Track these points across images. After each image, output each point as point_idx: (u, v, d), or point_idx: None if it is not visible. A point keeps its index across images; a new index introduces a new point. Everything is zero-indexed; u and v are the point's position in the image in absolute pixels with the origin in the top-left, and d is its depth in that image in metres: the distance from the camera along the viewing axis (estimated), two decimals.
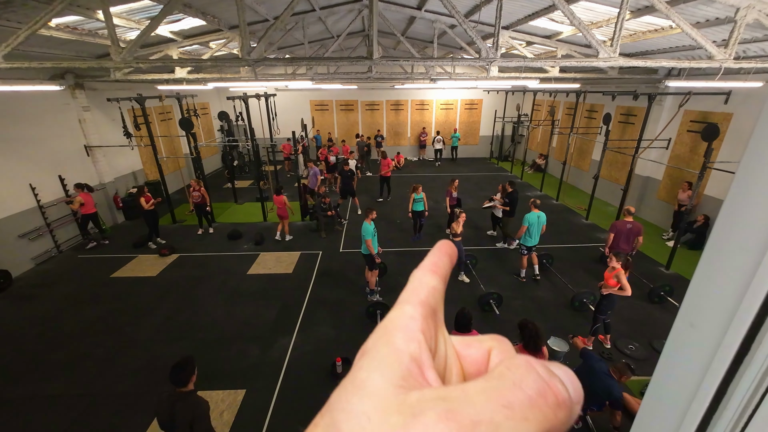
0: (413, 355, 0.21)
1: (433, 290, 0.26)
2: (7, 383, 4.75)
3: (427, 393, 0.19)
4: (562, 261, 7.86)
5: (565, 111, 14.28)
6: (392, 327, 0.23)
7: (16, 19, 4.92)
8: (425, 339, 0.23)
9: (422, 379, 0.21)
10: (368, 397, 0.19)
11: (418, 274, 0.27)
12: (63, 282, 7.25)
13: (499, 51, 4.39)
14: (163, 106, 12.32)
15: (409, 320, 0.23)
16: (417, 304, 0.24)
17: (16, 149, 7.55)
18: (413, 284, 0.26)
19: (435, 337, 0.24)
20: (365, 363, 0.21)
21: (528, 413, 0.17)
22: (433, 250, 0.29)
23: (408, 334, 0.22)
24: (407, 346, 0.22)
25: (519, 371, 0.19)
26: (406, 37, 10.19)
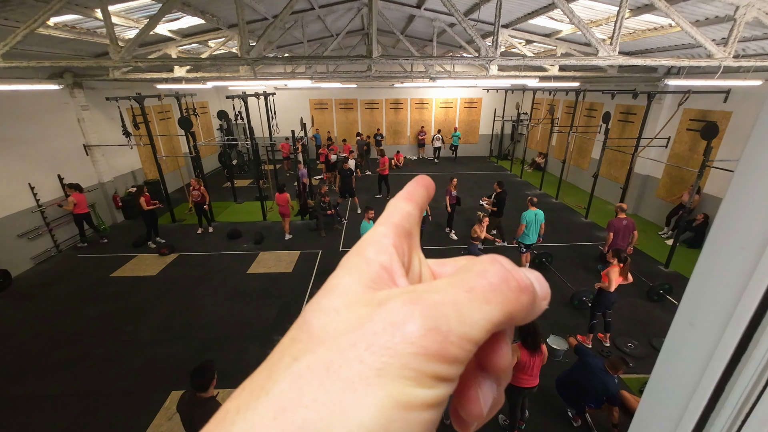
0: (384, 264, 0.22)
1: (407, 214, 0.26)
2: (6, 383, 4.75)
3: (395, 290, 0.20)
4: (561, 259, 7.87)
5: (565, 109, 14.28)
6: (364, 243, 0.24)
7: (14, 18, 4.91)
8: (397, 253, 0.23)
9: (392, 284, 0.22)
10: (338, 296, 0.20)
11: (394, 201, 0.28)
12: (62, 281, 7.25)
13: (498, 49, 4.38)
14: (162, 105, 12.29)
15: (381, 237, 0.24)
16: (390, 225, 0.25)
17: (14, 149, 7.53)
18: (388, 210, 0.27)
19: (408, 254, 0.25)
20: (337, 272, 0.22)
21: (490, 296, 0.18)
22: (411, 181, 0.30)
23: (379, 247, 0.23)
24: (378, 257, 0.22)
25: (483, 264, 0.20)
26: (405, 35, 10.17)
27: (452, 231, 9.12)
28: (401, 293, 0.19)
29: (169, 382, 4.71)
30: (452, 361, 0.17)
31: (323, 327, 0.18)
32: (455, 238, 8.96)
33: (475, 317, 0.18)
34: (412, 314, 0.17)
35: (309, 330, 0.19)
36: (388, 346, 0.17)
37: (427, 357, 0.17)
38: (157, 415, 4.24)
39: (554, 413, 4.30)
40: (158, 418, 4.21)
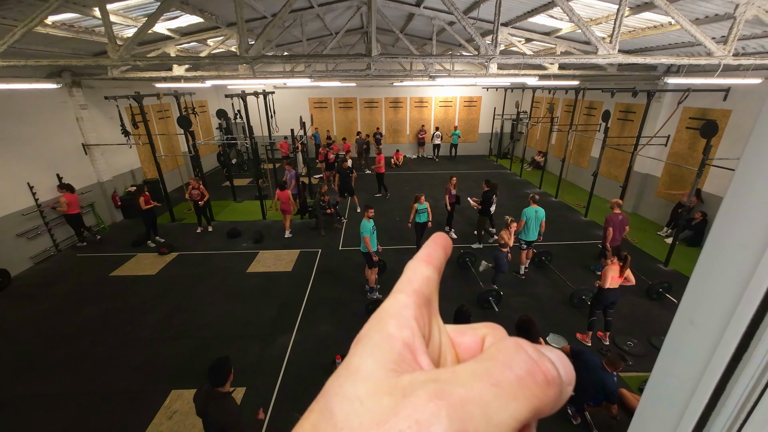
0: (406, 341, 0.21)
1: (427, 280, 0.26)
2: (6, 382, 4.75)
3: (418, 375, 0.19)
4: (560, 258, 7.87)
5: (564, 108, 14.27)
6: (385, 315, 0.23)
7: (12, 17, 4.89)
8: (418, 326, 0.23)
9: (415, 364, 0.21)
10: (361, 381, 0.19)
11: (413, 265, 0.27)
12: (62, 281, 7.25)
13: (498, 48, 4.38)
14: (161, 104, 12.27)
15: (402, 308, 0.23)
16: (410, 293, 0.24)
17: (13, 148, 7.52)
18: (407, 274, 0.26)
19: (429, 324, 0.25)
20: (358, 349, 0.21)
21: (517, 392, 0.18)
22: (428, 241, 0.29)
23: (401, 321, 0.22)
24: (400, 333, 0.22)
25: (508, 352, 0.20)
26: (404, 34, 10.15)
27: (452, 230, 9.12)
28: (426, 382, 0.18)
29: (169, 382, 4.71)
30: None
31: (347, 418, 0.18)
32: (455, 237, 8.96)
33: (502, 416, 0.17)
34: (438, 413, 0.17)
35: (332, 419, 0.18)
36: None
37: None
38: (157, 414, 4.24)
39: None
40: (158, 417, 4.22)
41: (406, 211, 10.32)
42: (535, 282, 7.06)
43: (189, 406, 4.33)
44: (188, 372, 4.86)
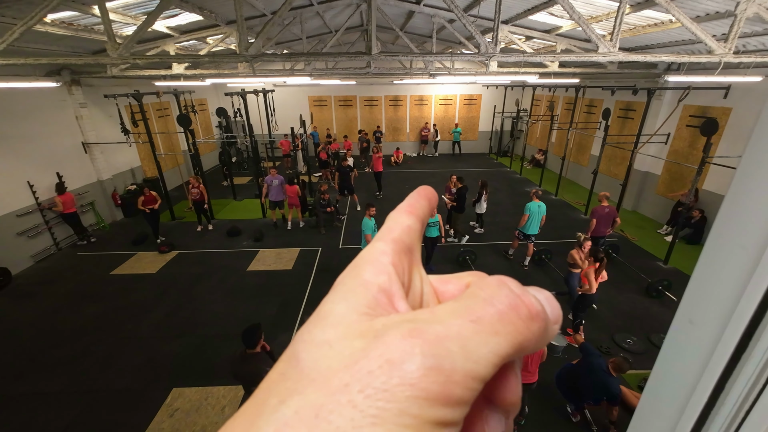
0: (382, 286, 0.21)
1: (408, 229, 0.25)
2: (8, 381, 4.76)
3: (393, 317, 0.18)
4: (561, 256, 7.87)
5: (565, 106, 14.25)
6: (361, 262, 0.22)
7: (11, 15, 4.87)
8: (397, 273, 0.22)
9: (391, 308, 0.20)
10: (330, 326, 0.18)
11: (394, 215, 0.26)
12: (62, 279, 7.25)
13: (498, 46, 4.36)
14: (161, 103, 12.25)
15: (380, 255, 0.23)
16: (389, 241, 0.24)
17: (12, 146, 7.51)
18: (387, 224, 0.26)
19: (409, 272, 0.24)
20: (330, 296, 0.21)
21: (498, 326, 0.17)
22: (412, 193, 0.28)
23: (377, 267, 0.22)
24: (376, 278, 0.21)
25: (490, 288, 0.19)
26: (404, 31, 10.13)
27: (452, 228, 9.12)
28: (400, 322, 0.17)
29: (170, 380, 4.72)
30: (456, 403, 0.16)
31: (314, 363, 0.17)
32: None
33: (482, 352, 0.16)
34: (412, 350, 0.16)
35: (299, 366, 0.17)
36: (385, 388, 0.15)
37: (429, 401, 0.15)
38: (158, 413, 4.25)
39: (553, 408, 4.33)
40: (159, 415, 4.23)
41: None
42: (536, 280, 7.07)
43: (190, 405, 4.35)
44: (189, 370, 4.88)
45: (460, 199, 7.88)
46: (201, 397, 4.45)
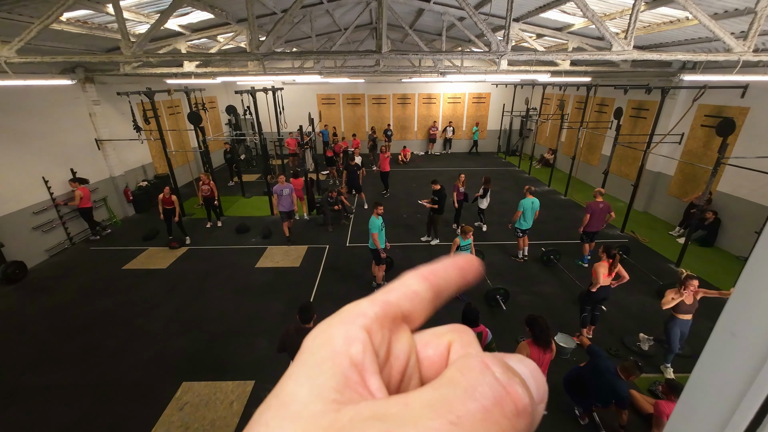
0: (354, 359, 0.18)
1: (412, 294, 0.23)
2: (21, 373, 4.88)
3: (363, 410, 0.16)
4: (569, 256, 7.80)
5: (575, 105, 14.05)
6: (337, 322, 0.20)
7: (29, 14, 4.96)
8: (372, 340, 0.20)
9: (363, 389, 0.18)
10: (290, 418, 0.16)
11: (406, 276, 0.25)
12: (76, 274, 7.40)
13: (509, 44, 4.31)
14: (172, 100, 12.39)
15: (358, 316, 0.21)
16: (378, 302, 0.22)
17: (28, 143, 7.67)
18: (394, 283, 0.24)
19: (391, 341, 0.22)
20: (296, 368, 0.19)
21: (480, 428, 0.15)
22: (448, 258, 0.26)
23: (351, 332, 0.20)
24: (348, 348, 0.19)
25: (472, 374, 0.17)
26: (413, 29, 10.07)
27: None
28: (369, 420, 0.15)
29: (180, 374, 4.79)
30: None
31: None
32: None
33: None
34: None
35: None
36: None
37: None
38: (168, 406, 4.32)
39: (561, 411, 4.29)
40: (169, 408, 4.30)
41: (413, 208, 10.32)
42: (543, 280, 7.01)
43: (199, 398, 4.41)
44: (198, 365, 4.94)
45: (441, 201, 7.84)
46: (210, 391, 4.51)
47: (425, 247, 8.33)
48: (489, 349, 3.56)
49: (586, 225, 7.14)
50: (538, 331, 3.46)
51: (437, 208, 7.97)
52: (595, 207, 7.02)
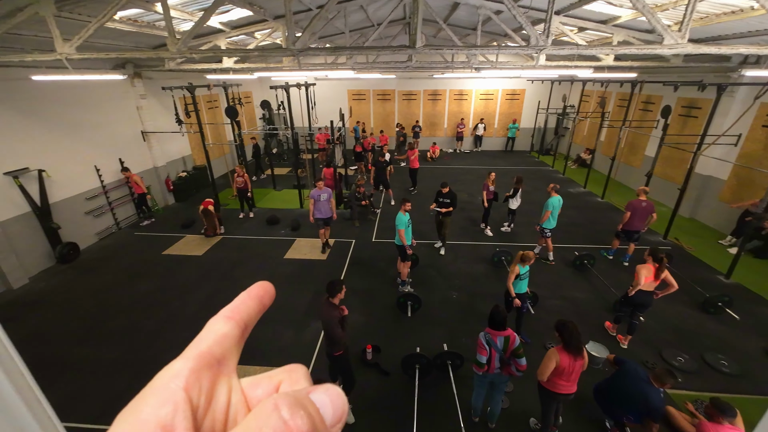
0: (162, 422, 0.19)
1: (222, 337, 0.25)
2: (72, 345, 5.32)
3: None
4: (604, 262, 7.44)
5: (618, 102, 13.28)
6: (149, 391, 0.21)
7: (87, 13, 5.33)
8: (191, 396, 0.21)
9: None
10: None
11: (211, 322, 0.26)
12: (121, 256, 7.95)
13: (549, 38, 4.13)
14: (211, 95, 12.94)
15: (171, 379, 0.22)
16: (190, 358, 0.23)
17: (82, 133, 8.29)
18: (201, 334, 0.25)
19: (211, 388, 0.23)
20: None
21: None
22: (243, 293, 0.28)
23: (162, 396, 0.21)
24: (156, 413, 0.20)
25: (261, 417, 0.19)
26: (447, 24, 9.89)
27: (488, 227, 8.88)
28: None
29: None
30: None
31: None
32: (490, 235, 8.72)
33: None
34: None
35: None
36: None
37: None
38: None
39: (590, 422, 4.12)
40: None
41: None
42: (575, 285, 6.72)
43: None
44: None
45: (453, 202, 7.39)
46: (239, 374, 4.69)
47: (450, 246, 8.21)
48: (516, 354, 3.46)
49: (626, 223, 6.87)
50: (567, 336, 3.32)
51: (447, 212, 7.42)
52: (638, 205, 6.75)
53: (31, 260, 7.15)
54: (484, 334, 3.61)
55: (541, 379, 3.49)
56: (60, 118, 7.72)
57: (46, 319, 5.90)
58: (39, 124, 7.28)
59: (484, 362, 3.53)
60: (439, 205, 7.44)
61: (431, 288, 6.65)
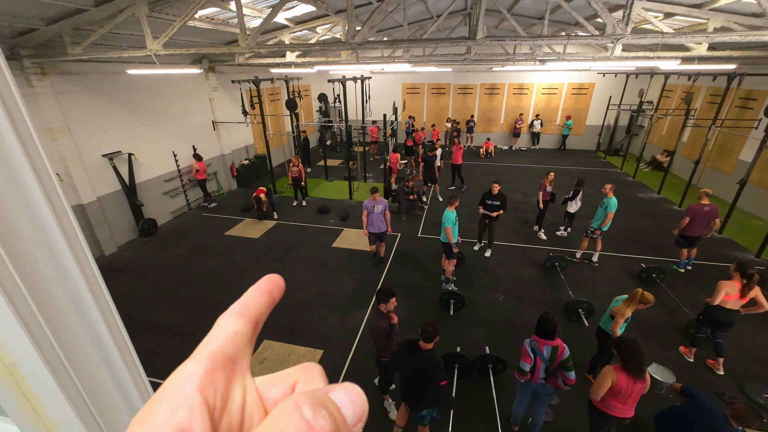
0: (179, 426, 0.19)
1: (233, 336, 0.24)
2: (149, 309, 6.05)
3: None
4: (676, 277, 6.67)
5: (708, 98, 11.67)
6: (161, 395, 0.21)
7: (173, 13, 5.92)
8: (207, 398, 0.21)
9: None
10: None
11: (220, 320, 0.25)
12: (190, 234, 8.82)
13: (629, 26, 3.74)
14: (273, 88, 13.70)
15: (185, 381, 0.21)
16: (203, 359, 0.22)
17: (164, 122, 9.27)
18: (211, 332, 0.24)
19: (226, 389, 0.22)
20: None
21: None
22: (254, 286, 0.27)
23: (177, 400, 0.20)
24: (172, 418, 0.19)
25: (283, 417, 0.18)
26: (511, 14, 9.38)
27: (541, 230, 8.39)
28: None
29: (263, 332, 5.39)
30: None
31: None
32: (544, 238, 8.23)
33: None
34: None
35: None
36: None
37: None
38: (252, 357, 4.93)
39: None
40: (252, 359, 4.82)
41: None
42: None
43: (276, 356, 4.95)
44: (277, 327, 5.53)
45: (502, 205, 6.96)
46: (285, 352, 5.03)
47: (499, 247, 7.90)
48: (565, 367, 3.26)
49: (686, 228, 6.46)
50: (628, 355, 3.04)
51: (497, 215, 7.04)
52: (699, 210, 6.32)
53: (120, 232, 8.23)
54: (529, 341, 3.44)
55: (594, 398, 3.25)
56: (147, 107, 8.71)
57: (130, 284, 6.77)
58: (130, 112, 8.27)
59: (527, 370, 3.38)
60: (487, 208, 7.07)
61: (476, 288, 6.48)
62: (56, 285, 0.42)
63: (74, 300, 0.44)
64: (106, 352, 0.51)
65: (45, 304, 0.40)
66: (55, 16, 5.25)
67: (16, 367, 0.41)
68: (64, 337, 0.42)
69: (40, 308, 0.39)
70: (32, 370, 0.41)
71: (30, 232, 0.39)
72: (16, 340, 0.39)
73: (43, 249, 0.40)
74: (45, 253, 0.40)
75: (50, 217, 0.38)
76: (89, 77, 7.25)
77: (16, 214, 0.37)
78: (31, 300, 0.38)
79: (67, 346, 0.43)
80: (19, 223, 0.38)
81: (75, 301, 0.44)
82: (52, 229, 0.39)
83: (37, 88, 6.22)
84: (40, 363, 0.40)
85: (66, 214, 0.41)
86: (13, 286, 0.37)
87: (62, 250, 0.41)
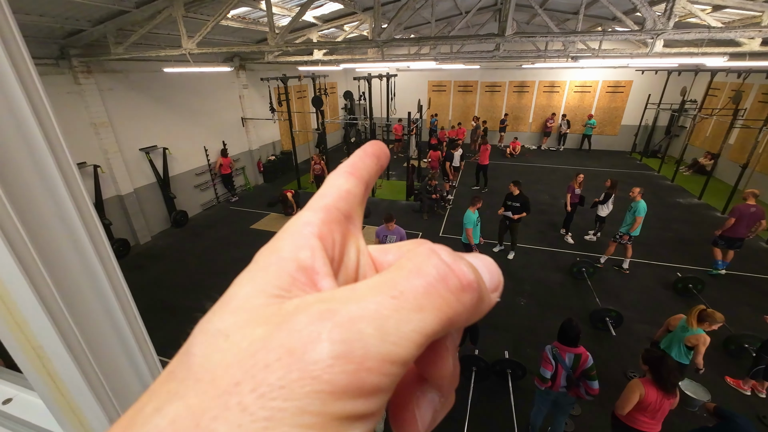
0: (302, 263, 0.18)
1: (345, 193, 0.22)
2: (180, 295, 6.36)
3: (308, 298, 0.16)
4: (717, 289, 6.25)
5: (760, 98, 10.81)
6: (282, 234, 0.19)
7: (207, 13, 6.14)
8: (324, 246, 0.19)
9: (312, 289, 0.17)
10: (230, 312, 0.16)
11: (332, 177, 0.23)
12: (219, 226, 9.17)
13: (672, 20, 3.52)
14: (300, 85, 13.95)
15: (304, 226, 0.20)
16: (318, 209, 0.21)
17: (196, 118, 9.66)
18: (323, 188, 0.22)
19: (342, 244, 0.21)
20: (241, 276, 0.18)
21: (423, 300, 0.15)
22: (358, 150, 0.25)
23: (299, 240, 0.19)
24: (295, 254, 0.18)
25: (419, 258, 0.16)
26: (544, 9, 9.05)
27: (568, 233, 8.09)
28: (313, 303, 0.15)
29: None
30: (370, 392, 0.14)
31: (205, 358, 0.14)
32: (571, 242, 7.93)
33: (403, 331, 0.14)
34: (318, 337, 0.14)
35: (188, 362, 0.14)
36: (281, 384, 0.13)
37: (335, 394, 0.13)
38: None
39: None
40: None
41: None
42: (673, 311, 5.75)
43: None
44: None
45: (523, 207, 6.68)
46: None
47: (523, 249, 7.69)
48: (588, 376, 3.14)
49: (730, 230, 6.22)
50: (665, 372, 2.86)
51: (519, 218, 6.82)
52: (745, 211, 6.10)
53: (154, 222, 8.67)
54: (551, 347, 3.34)
55: (619, 412, 3.11)
56: (181, 104, 9.10)
57: (162, 271, 7.14)
58: (165, 109, 8.68)
59: (548, 377, 3.28)
60: (508, 209, 6.84)
61: None
62: (79, 275, 0.45)
63: (95, 289, 0.47)
64: (123, 337, 0.54)
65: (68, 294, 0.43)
66: (101, 17, 5.59)
67: (42, 349, 0.45)
68: (84, 323, 0.46)
69: (63, 297, 0.42)
70: (55, 352, 0.44)
71: (57, 225, 0.42)
72: (42, 325, 0.42)
73: (67, 242, 0.43)
74: (69, 245, 0.43)
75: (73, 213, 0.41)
76: (130, 75, 7.67)
77: (44, 208, 0.40)
78: (55, 289, 0.41)
79: (86, 331, 0.46)
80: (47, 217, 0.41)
81: (96, 291, 0.47)
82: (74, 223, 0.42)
83: (84, 85, 6.65)
84: (62, 347, 0.43)
85: (88, 209, 0.44)
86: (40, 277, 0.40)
87: (84, 242, 0.43)
